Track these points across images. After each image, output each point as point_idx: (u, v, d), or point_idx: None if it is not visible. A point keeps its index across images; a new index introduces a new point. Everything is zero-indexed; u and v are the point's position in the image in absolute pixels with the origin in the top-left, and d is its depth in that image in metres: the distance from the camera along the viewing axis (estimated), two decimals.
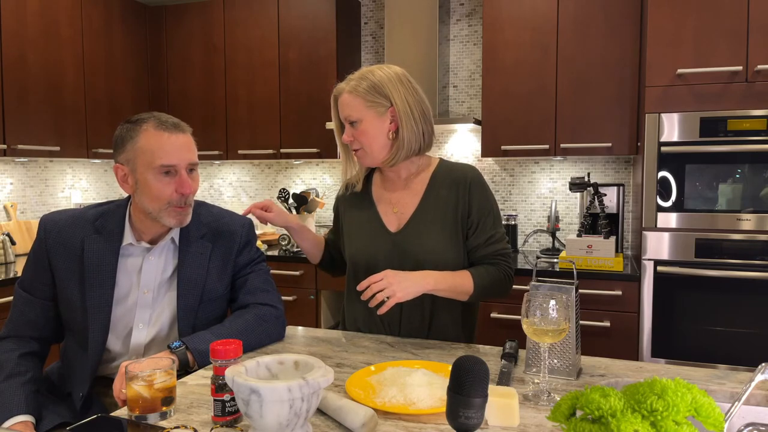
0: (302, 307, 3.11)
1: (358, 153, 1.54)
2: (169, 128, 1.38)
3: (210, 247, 1.49)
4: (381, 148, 1.52)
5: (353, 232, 1.62)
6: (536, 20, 2.88)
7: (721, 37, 2.33)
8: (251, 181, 3.92)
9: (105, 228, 1.44)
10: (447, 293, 1.48)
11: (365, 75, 1.51)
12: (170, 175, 1.37)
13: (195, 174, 1.43)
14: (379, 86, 1.50)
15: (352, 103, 1.50)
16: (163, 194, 1.36)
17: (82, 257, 1.41)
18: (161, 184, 1.36)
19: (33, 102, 2.94)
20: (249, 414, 0.88)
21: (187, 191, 1.38)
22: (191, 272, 1.46)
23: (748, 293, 2.32)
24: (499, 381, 1.22)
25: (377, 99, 1.49)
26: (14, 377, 1.34)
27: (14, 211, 3.19)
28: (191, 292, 1.46)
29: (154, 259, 1.45)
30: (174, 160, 1.36)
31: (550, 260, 2.87)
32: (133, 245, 1.44)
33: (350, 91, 1.51)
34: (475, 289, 1.48)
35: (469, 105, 3.40)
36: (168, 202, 1.37)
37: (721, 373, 1.27)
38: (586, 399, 0.76)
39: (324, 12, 3.30)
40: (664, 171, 2.41)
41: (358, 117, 1.50)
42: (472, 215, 1.54)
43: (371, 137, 1.50)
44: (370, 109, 1.50)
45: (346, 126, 1.53)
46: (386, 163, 1.54)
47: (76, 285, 1.41)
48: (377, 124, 1.50)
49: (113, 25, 3.42)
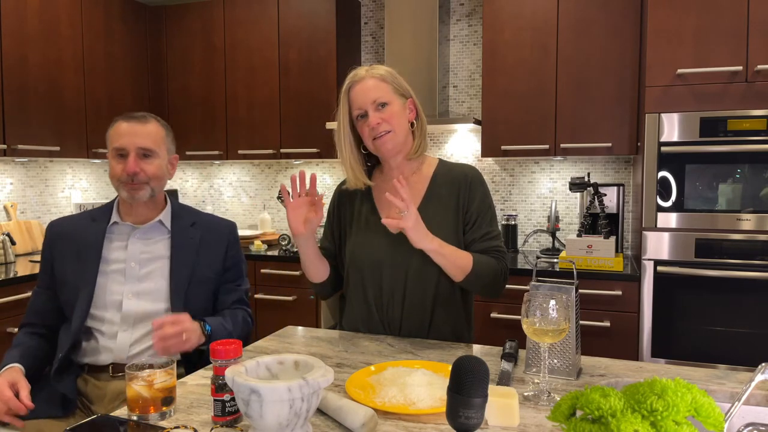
0: (302, 307, 3.11)
1: (384, 137, 1.50)
2: (129, 119, 1.58)
3: (199, 234, 1.65)
4: (407, 133, 1.55)
5: (354, 232, 1.62)
6: (536, 20, 2.88)
7: (721, 37, 2.33)
8: (251, 181, 3.92)
9: (96, 214, 1.65)
10: (447, 260, 1.45)
11: (378, 66, 1.55)
12: (123, 158, 1.56)
13: (151, 159, 1.57)
14: (399, 78, 1.56)
15: (381, 86, 1.51)
16: (114, 173, 1.57)
17: (76, 241, 1.60)
18: (114, 163, 1.57)
19: (33, 102, 2.94)
20: (249, 414, 0.88)
21: (130, 171, 1.53)
22: (183, 254, 1.61)
23: (748, 293, 2.32)
24: (499, 381, 1.22)
25: (399, 87, 1.54)
26: (17, 347, 1.54)
27: (14, 211, 3.19)
28: (182, 272, 1.59)
29: (139, 235, 1.60)
30: (124, 143, 1.55)
31: (550, 260, 2.87)
32: (118, 224, 1.61)
33: (377, 77, 1.52)
34: (473, 268, 1.46)
35: (469, 105, 3.40)
36: (119, 180, 1.56)
37: (721, 373, 1.27)
38: (586, 399, 0.76)
39: (324, 12, 3.30)
40: (664, 171, 2.41)
41: (388, 99, 1.50)
42: (470, 210, 1.55)
43: (400, 120, 1.52)
44: (395, 95, 1.53)
45: (370, 112, 1.50)
46: (410, 153, 1.57)
47: (70, 264, 1.58)
48: (403, 109, 1.54)
49: (113, 25, 3.41)
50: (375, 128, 1.50)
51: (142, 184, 1.56)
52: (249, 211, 3.95)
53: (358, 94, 1.51)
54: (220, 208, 4.02)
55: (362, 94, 1.50)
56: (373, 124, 1.49)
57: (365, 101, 1.50)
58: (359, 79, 1.52)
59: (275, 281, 3.14)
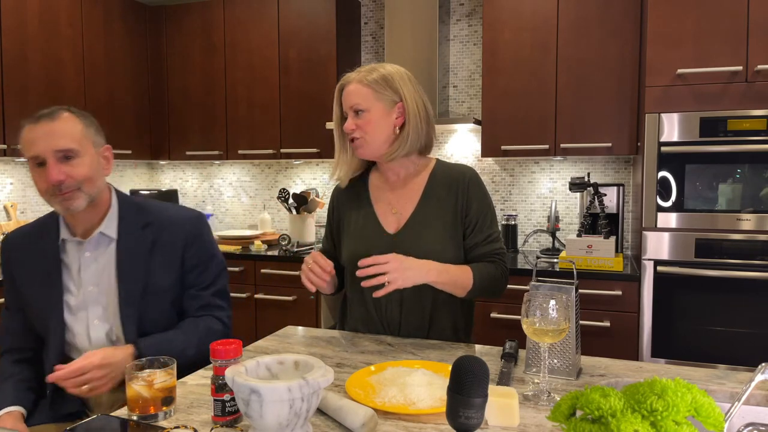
0: (302, 307, 3.11)
1: (356, 143, 1.52)
2: (36, 120, 1.36)
3: (151, 238, 1.45)
4: (384, 140, 1.52)
5: (351, 233, 1.62)
6: (536, 20, 2.88)
7: (721, 37, 2.33)
8: (251, 181, 3.92)
9: (46, 227, 1.47)
10: (447, 286, 1.48)
11: (375, 67, 1.53)
12: (43, 166, 1.34)
13: (75, 161, 1.35)
14: (389, 79, 1.52)
15: (362, 92, 1.50)
16: (40, 186, 1.36)
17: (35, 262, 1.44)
18: (37, 176, 1.36)
19: (33, 102, 2.94)
20: (249, 414, 0.88)
21: (53, 180, 1.32)
22: (130, 265, 1.43)
23: (748, 293, 2.32)
24: (499, 381, 1.22)
25: (386, 92, 1.51)
26: (7, 379, 1.41)
27: (14, 211, 3.19)
28: (132, 284, 1.42)
29: (89, 254, 1.44)
30: (38, 149, 1.33)
31: (550, 260, 2.87)
32: (68, 240, 1.44)
33: (360, 81, 1.51)
34: (474, 284, 1.49)
35: (469, 105, 3.40)
36: (47, 192, 1.35)
37: (721, 373, 1.27)
38: (586, 399, 0.76)
39: (324, 12, 3.30)
40: (664, 171, 2.41)
41: (365, 106, 1.50)
42: (470, 214, 1.55)
43: (375, 128, 1.50)
44: (378, 101, 1.50)
45: (349, 115, 1.52)
46: (384, 158, 1.54)
47: (34, 289, 1.44)
48: (384, 116, 1.51)
49: (113, 25, 3.41)
50: (348, 134, 1.52)
51: (74, 191, 1.35)
52: (249, 211, 3.95)
53: (345, 97, 1.53)
54: (220, 208, 4.02)
55: (347, 96, 1.52)
56: (347, 129, 1.52)
57: (346, 105, 1.52)
58: (347, 81, 1.54)
59: (275, 281, 3.14)
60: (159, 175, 4.17)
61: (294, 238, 3.39)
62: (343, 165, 1.60)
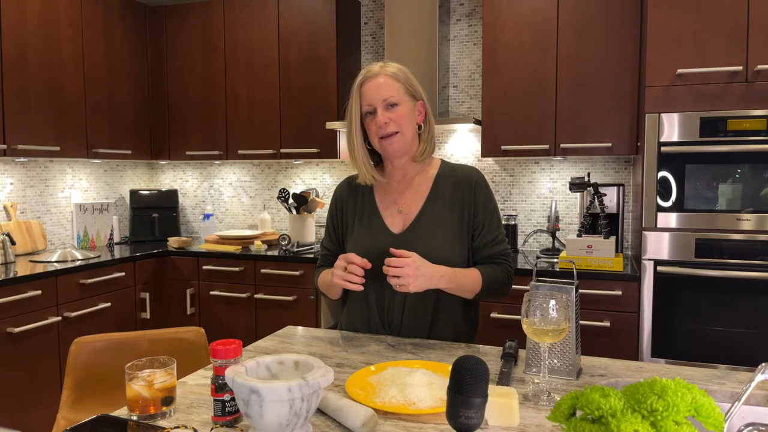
0: (302, 307, 3.11)
1: (391, 138, 1.49)
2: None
3: None
4: (413, 137, 1.54)
5: (356, 232, 1.61)
6: (536, 20, 2.88)
7: (721, 37, 2.33)
8: (251, 181, 3.92)
9: None
10: (455, 291, 1.50)
11: (393, 64, 1.54)
12: None
13: None
14: (412, 78, 1.54)
15: (394, 85, 1.50)
16: None
17: None
18: None
19: (33, 102, 2.94)
20: (249, 414, 0.88)
21: None
22: None
23: (748, 293, 2.32)
24: (499, 381, 1.22)
25: (411, 90, 1.53)
26: None
27: (14, 211, 3.19)
28: None
29: None
30: None
31: (550, 260, 2.87)
32: None
33: (390, 75, 1.50)
34: (482, 288, 1.51)
35: (469, 105, 3.40)
36: None
37: (721, 373, 1.27)
38: (586, 399, 0.76)
39: (324, 12, 3.30)
40: (664, 171, 2.41)
41: (398, 100, 1.49)
42: (478, 216, 1.55)
43: (408, 123, 1.51)
44: (407, 96, 1.52)
45: (380, 110, 1.49)
46: (416, 156, 1.56)
47: None
48: (412, 111, 1.53)
49: (113, 25, 3.42)
50: (382, 127, 1.49)
51: None
52: (249, 211, 3.95)
53: (370, 91, 1.50)
54: (220, 208, 4.02)
55: (374, 91, 1.49)
56: (381, 122, 1.48)
57: (376, 98, 1.49)
58: (372, 75, 1.51)
59: (275, 281, 3.14)
60: (159, 175, 4.18)
61: (294, 238, 3.39)
62: (366, 160, 1.57)
